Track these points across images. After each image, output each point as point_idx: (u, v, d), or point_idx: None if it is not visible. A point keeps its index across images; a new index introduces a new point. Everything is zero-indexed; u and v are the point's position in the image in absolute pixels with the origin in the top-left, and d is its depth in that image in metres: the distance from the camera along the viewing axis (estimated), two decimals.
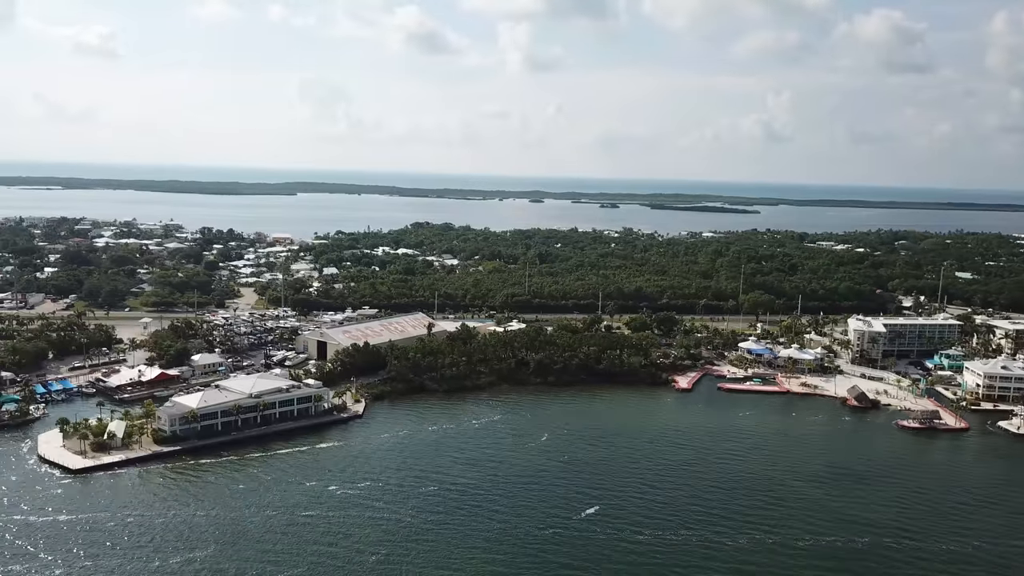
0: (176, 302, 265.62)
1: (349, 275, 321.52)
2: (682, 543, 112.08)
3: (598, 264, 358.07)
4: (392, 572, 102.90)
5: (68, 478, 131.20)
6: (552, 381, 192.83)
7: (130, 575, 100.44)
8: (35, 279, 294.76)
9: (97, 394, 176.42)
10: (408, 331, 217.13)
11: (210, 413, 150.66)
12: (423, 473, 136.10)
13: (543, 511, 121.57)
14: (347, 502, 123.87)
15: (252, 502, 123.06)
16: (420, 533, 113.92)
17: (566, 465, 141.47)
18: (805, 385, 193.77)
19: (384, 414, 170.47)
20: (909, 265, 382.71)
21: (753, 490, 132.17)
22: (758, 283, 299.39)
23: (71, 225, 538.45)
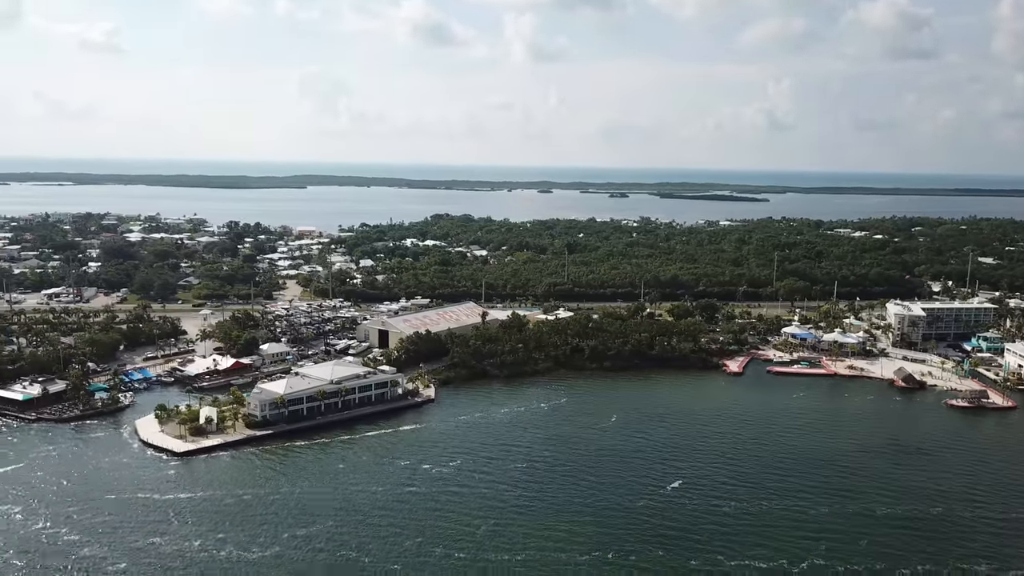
0: (227, 294, 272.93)
1: (389, 266, 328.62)
2: (766, 512, 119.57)
3: (627, 253, 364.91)
4: (504, 538, 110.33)
5: (175, 460, 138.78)
6: (607, 366, 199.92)
7: (262, 545, 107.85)
8: (85, 274, 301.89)
9: (175, 383, 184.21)
10: (463, 319, 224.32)
11: (296, 399, 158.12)
12: (508, 451, 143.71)
13: (630, 485, 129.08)
14: (443, 479, 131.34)
15: (355, 480, 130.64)
16: (520, 505, 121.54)
17: (641, 443, 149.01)
18: (851, 368, 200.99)
19: (454, 398, 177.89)
20: (931, 251, 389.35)
21: (822, 463, 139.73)
22: (790, 270, 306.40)
23: (97, 220, 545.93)
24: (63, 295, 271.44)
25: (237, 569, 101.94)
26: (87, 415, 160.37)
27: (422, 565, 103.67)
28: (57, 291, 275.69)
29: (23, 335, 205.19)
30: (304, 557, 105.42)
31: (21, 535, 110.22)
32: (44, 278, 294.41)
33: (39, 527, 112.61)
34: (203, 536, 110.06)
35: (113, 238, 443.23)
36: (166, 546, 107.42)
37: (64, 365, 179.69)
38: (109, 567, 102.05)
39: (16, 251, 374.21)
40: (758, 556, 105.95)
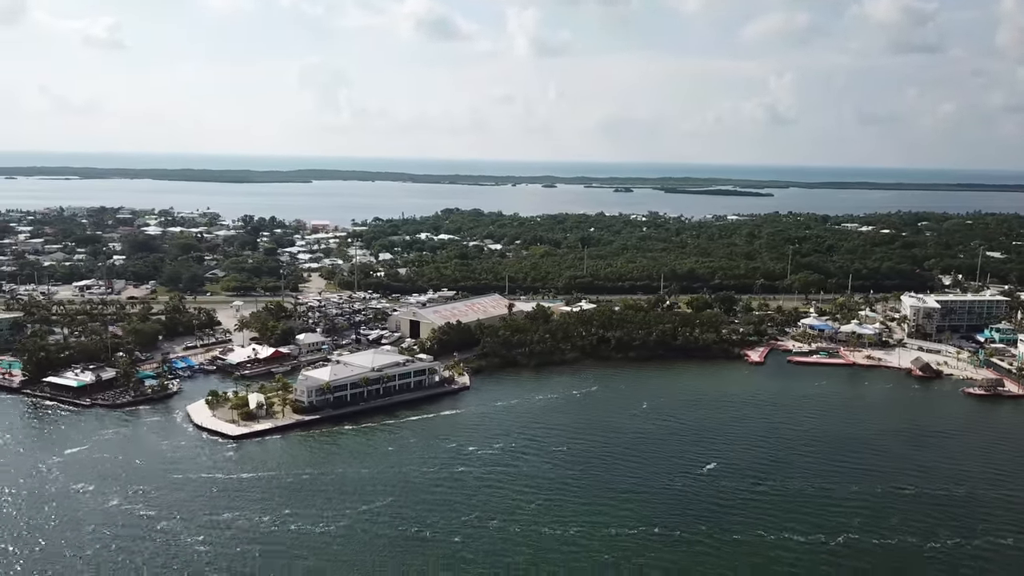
0: (254, 286, 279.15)
1: (410, 260, 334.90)
2: (800, 491, 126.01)
3: (640, 247, 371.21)
4: (554, 513, 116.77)
5: (231, 443, 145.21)
6: (632, 357, 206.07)
7: (328, 520, 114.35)
8: (112, 266, 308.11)
9: (217, 371, 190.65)
10: (490, 311, 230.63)
11: (341, 385, 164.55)
12: (547, 435, 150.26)
13: (668, 466, 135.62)
14: (489, 460, 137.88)
15: (406, 460, 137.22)
16: (564, 484, 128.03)
17: (674, 428, 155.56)
18: (869, 357, 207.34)
19: (488, 386, 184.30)
20: (940, 245, 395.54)
21: (848, 446, 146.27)
22: (803, 263, 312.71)
23: (112, 214, 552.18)
24: (94, 287, 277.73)
25: (309, 542, 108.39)
26: (138, 401, 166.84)
27: (481, 537, 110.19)
28: (88, 283, 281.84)
29: (66, 325, 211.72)
30: (370, 530, 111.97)
31: (100, 510, 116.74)
32: (74, 270, 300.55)
33: (115, 503, 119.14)
34: (271, 512, 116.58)
35: (131, 231, 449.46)
36: (237, 521, 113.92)
37: (110, 353, 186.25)
38: (187, 540, 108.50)
39: (40, 244, 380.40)
40: (796, 531, 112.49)
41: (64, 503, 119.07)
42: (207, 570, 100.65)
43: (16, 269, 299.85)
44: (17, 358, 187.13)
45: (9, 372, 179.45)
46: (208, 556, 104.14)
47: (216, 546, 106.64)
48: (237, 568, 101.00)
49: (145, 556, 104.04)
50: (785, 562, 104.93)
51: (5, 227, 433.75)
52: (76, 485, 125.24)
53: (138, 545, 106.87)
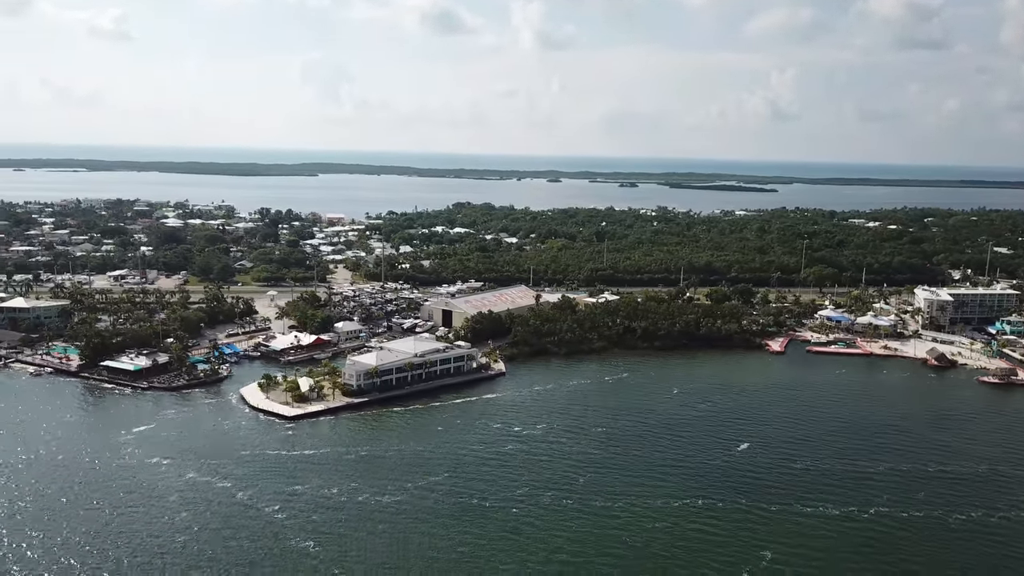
0: (283, 277, 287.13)
1: (432, 252, 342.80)
2: (830, 469, 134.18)
3: (655, 241, 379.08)
4: (601, 488, 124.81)
5: (288, 423, 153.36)
6: (658, 346, 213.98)
7: (392, 493, 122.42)
8: (143, 257, 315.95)
9: (261, 357, 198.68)
10: (518, 301, 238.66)
11: (387, 370, 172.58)
12: (585, 417, 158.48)
13: (703, 446, 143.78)
14: (534, 439, 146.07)
15: (456, 438, 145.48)
16: (608, 462, 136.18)
17: (705, 411, 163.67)
18: (886, 348, 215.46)
19: (522, 372, 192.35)
20: (948, 240, 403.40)
21: (871, 428, 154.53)
22: (816, 258, 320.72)
23: (129, 206, 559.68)
24: (128, 277, 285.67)
25: (379, 510, 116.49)
26: (192, 384, 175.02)
27: (538, 508, 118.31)
28: (122, 273, 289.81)
29: (111, 313, 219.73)
30: (433, 500, 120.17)
31: (181, 481, 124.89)
32: (106, 261, 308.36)
33: (192, 475, 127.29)
34: (338, 485, 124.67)
35: (152, 224, 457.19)
36: (308, 493, 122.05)
37: (160, 339, 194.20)
38: (265, 508, 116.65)
39: (66, 235, 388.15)
40: (829, 503, 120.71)
41: (146, 475, 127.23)
42: (293, 536, 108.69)
43: (51, 259, 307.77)
44: (69, 343, 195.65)
45: (66, 357, 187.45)
46: (288, 523, 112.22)
47: (294, 514, 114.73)
48: (326, 534, 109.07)
49: (233, 521, 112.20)
50: (822, 531, 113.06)
51: (29, 219, 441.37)
52: (152, 459, 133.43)
53: (223, 510, 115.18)
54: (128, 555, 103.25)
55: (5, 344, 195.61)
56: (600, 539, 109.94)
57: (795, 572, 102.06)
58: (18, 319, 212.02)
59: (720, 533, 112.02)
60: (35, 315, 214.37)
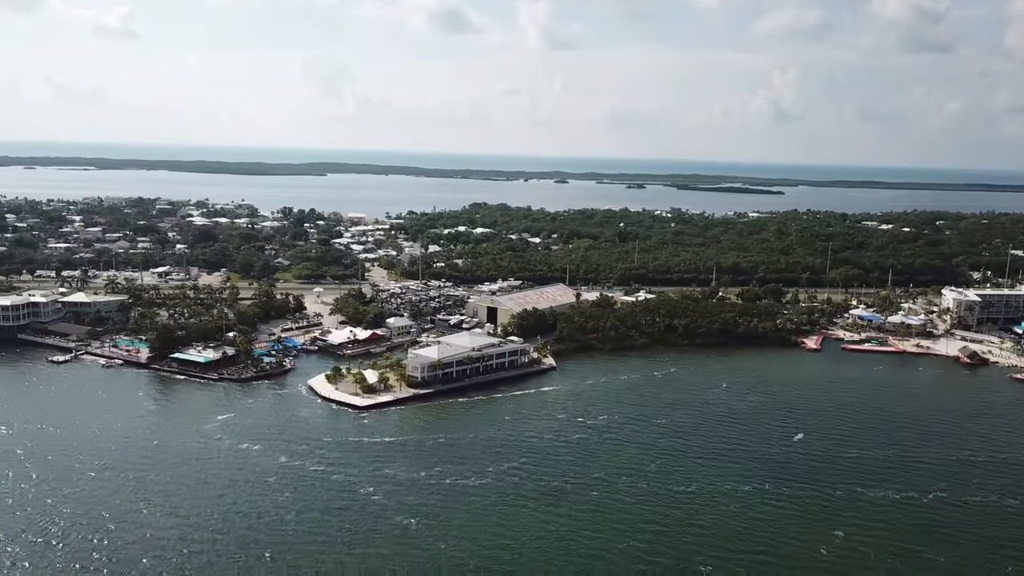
0: (324, 275, 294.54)
1: (464, 252, 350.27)
2: (885, 457, 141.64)
3: (679, 242, 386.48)
4: (672, 473, 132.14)
5: (362, 413, 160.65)
6: (698, 343, 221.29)
7: (477, 475, 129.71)
8: (183, 254, 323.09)
9: (318, 351, 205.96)
10: (558, 299, 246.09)
11: (448, 363, 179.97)
12: (643, 409, 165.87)
13: (761, 436, 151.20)
14: (599, 429, 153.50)
15: (525, 427, 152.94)
16: (674, 450, 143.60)
17: (756, 404, 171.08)
18: (919, 346, 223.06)
19: (571, 366, 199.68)
20: (964, 243, 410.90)
21: (915, 420, 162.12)
22: (841, 259, 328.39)
23: (152, 204, 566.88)
24: (173, 273, 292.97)
25: (468, 492, 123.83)
26: (259, 376, 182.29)
27: (615, 491, 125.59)
28: (166, 270, 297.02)
29: (169, 307, 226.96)
30: (516, 482, 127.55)
31: (275, 466, 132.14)
32: (148, 258, 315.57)
33: (284, 460, 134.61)
34: (426, 469, 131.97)
35: (179, 221, 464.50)
36: (398, 476, 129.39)
37: (222, 333, 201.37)
38: (361, 491, 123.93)
39: (99, 233, 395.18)
40: (891, 488, 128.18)
41: (241, 460, 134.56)
42: (393, 515, 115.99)
43: (94, 256, 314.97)
44: (133, 337, 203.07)
45: (135, 350, 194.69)
46: (385, 503, 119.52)
47: (388, 495, 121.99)
48: (424, 513, 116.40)
49: (334, 502, 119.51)
50: (886, 513, 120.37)
51: (60, 217, 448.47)
52: (242, 445, 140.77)
53: (322, 492, 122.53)
54: (245, 528, 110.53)
55: (74, 337, 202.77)
56: (679, 518, 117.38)
57: (868, 549, 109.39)
58: (80, 313, 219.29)
59: (792, 514, 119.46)
60: (95, 309, 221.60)
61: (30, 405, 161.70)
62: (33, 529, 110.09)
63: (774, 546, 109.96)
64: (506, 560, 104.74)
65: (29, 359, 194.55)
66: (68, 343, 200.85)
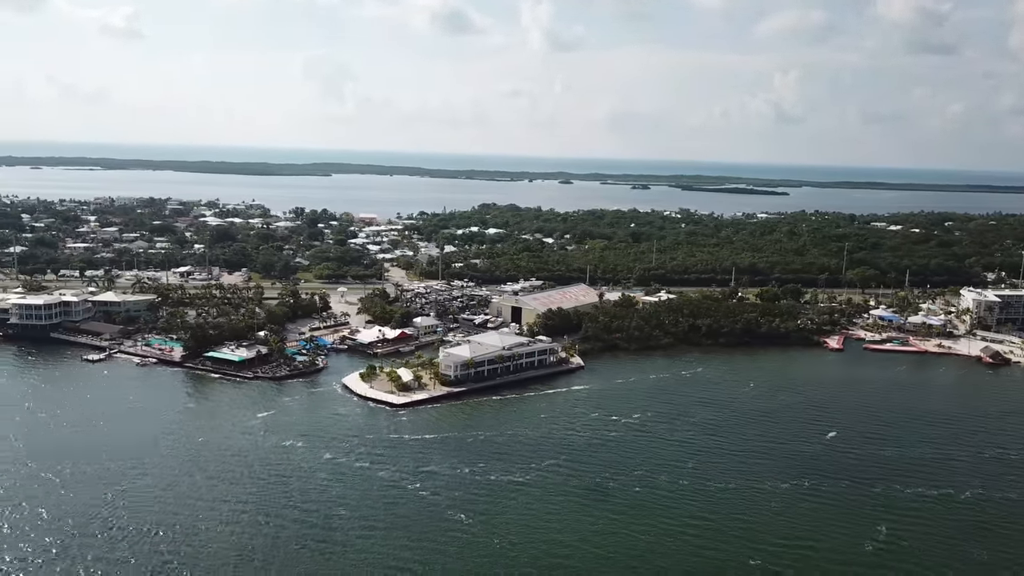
0: (345, 275, 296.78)
1: (481, 252, 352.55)
2: (920, 456, 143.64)
3: (692, 243, 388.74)
4: (710, 471, 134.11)
5: (399, 411, 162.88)
6: (722, 343, 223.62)
7: (520, 472, 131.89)
8: (204, 254, 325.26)
9: (348, 350, 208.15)
10: (581, 299, 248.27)
11: (480, 361, 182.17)
12: (675, 407, 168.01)
13: (795, 435, 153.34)
14: (633, 427, 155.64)
15: (562, 425, 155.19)
16: (710, 448, 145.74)
17: (785, 403, 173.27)
18: (940, 346, 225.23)
19: (600, 366, 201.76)
20: (976, 244, 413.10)
21: (944, 419, 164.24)
22: (856, 259, 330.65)
23: (163, 204, 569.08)
24: (195, 273, 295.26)
25: (513, 488, 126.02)
26: (293, 375, 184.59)
27: (657, 488, 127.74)
28: (188, 269, 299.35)
29: (197, 306, 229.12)
30: (559, 479, 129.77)
31: (321, 462, 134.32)
32: (168, 258, 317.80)
33: (329, 456, 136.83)
34: (469, 465, 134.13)
35: (192, 221, 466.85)
36: (442, 472, 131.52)
37: (253, 332, 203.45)
38: (408, 486, 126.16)
39: (115, 233, 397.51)
40: (928, 486, 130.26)
41: (287, 456, 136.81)
42: (444, 509, 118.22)
43: (114, 256, 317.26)
44: (163, 335, 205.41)
45: (168, 348, 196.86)
46: (434, 498, 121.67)
47: (436, 491, 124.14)
48: (473, 508, 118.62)
49: (384, 496, 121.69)
50: (926, 509, 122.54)
51: (75, 217, 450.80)
52: (285, 442, 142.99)
53: (371, 487, 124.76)
54: (302, 521, 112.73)
55: (106, 336, 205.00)
56: (724, 514, 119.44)
57: (911, 545, 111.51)
58: (111, 312, 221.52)
59: (832, 510, 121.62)
60: (125, 309, 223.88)
61: (75, 402, 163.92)
62: (98, 523, 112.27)
63: (820, 541, 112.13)
64: (561, 555, 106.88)
65: (64, 357, 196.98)
66: (101, 342, 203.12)
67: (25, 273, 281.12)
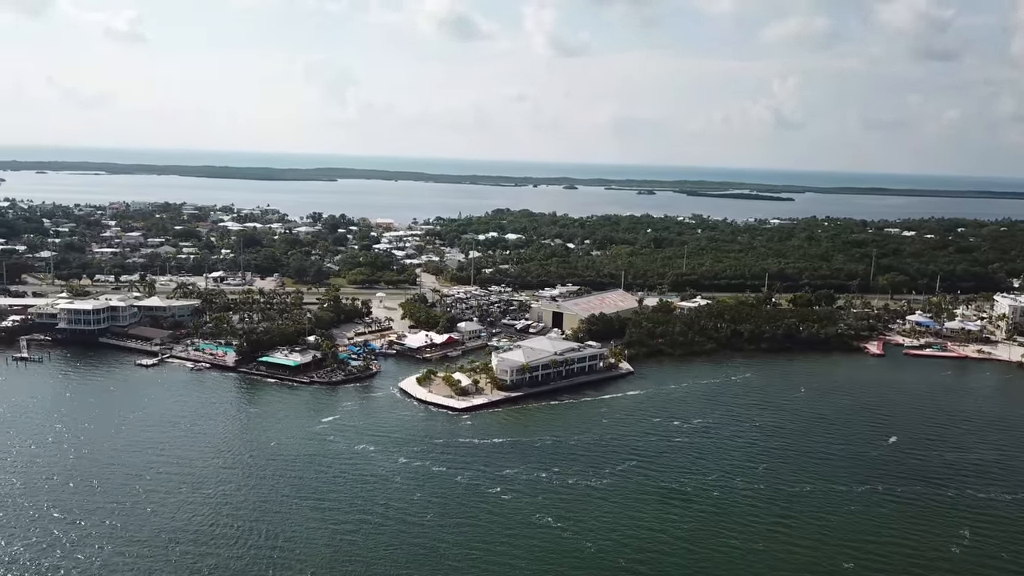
0: (378, 280, 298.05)
1: (508, 257, 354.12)
2: (983, 460, 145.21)
3: (717, 248, 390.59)
4: (783, 474, 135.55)
5: (462, 415, 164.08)
6: (764, 348, 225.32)
7: (597, 476, 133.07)
8: (236, 259, 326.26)
9: (396, 354, 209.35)
10: (620, 304, 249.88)
11: (535, 366, 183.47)
12: (732, 412, 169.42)
13: (856, 439, 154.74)
14: (697, 432, 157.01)
15: (625, 430, 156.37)
16: (778, 452, 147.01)
17: (841, 408, 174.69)
18: (980, 351, 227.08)
19: (648, 371, 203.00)
20: (996, 250, 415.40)
21: (998, 424, 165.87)
22: (884, 265, 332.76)
23: (178, 209, 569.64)
24: (228, 278, 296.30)
25: (594, 493, 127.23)
26: (349, 380, 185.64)
27: (735, 492, 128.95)
28: (221, 275, 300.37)
29: (240, 311, 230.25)
30: (636, 483, 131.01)
31: (397, 466, 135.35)
32: (201, 262, 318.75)
33: (404, 461, 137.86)
34: (545, 470, 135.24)
35: (213, 226, 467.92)
36: (520, 476, 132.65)
37: (303, 336, 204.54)
38: (488, 490, 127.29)
39: (140, 238, 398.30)
40: (999, 490, 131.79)
41: (362, 460, 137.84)
42: (531, 513, 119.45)
43: (146, 261, 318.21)
44: (211, 340, 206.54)
45: (221, 353, 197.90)
46: (517, 503, 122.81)
47: (517, 495, 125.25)
48: (558, 512, 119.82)
49: (467, 501, 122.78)
50: (1005, 513, 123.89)
51: (97, 222, 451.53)
52: (357, 446, 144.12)
53: (453, 492, 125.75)
54: (390, 525, 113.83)
55: (157, 341, 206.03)
56: (806, 518, 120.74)
57: (998, 548, 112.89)
58: (156, 317, 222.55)
59: (913, 513, 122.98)
60: (170, 313, 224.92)
61: (138, 407, 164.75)
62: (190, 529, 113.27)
63: (906, 544, 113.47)
64: (655, 559, 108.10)
65: (116, 362, 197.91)
66: (151, 347, 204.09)
67: (60, 279, 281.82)
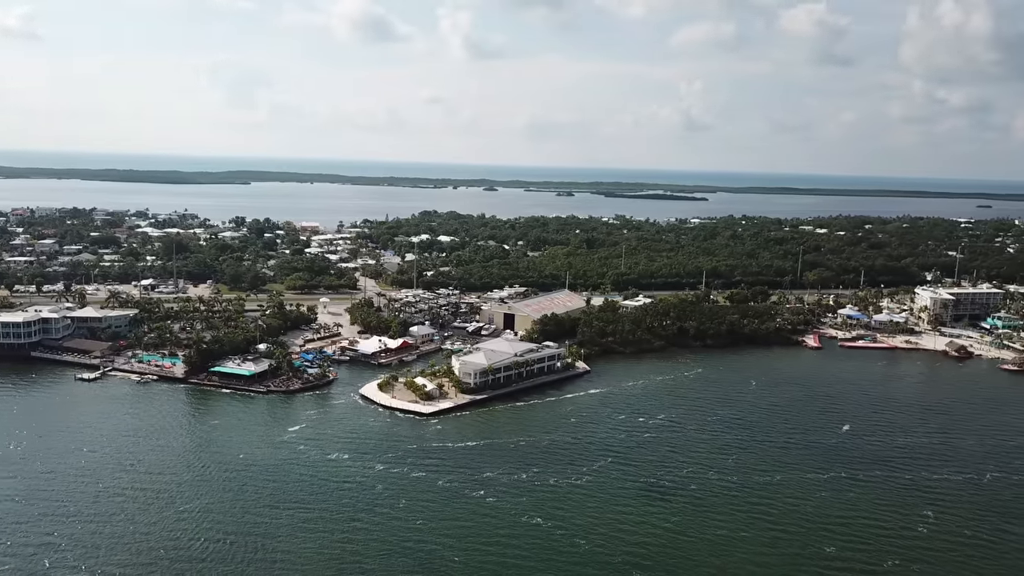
0: (317, 285, 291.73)
1: (447, 260, 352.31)
2: (929, 444, 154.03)
3: (649, 248, 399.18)
4: (752, 466, 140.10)
5: (431, 419, 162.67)
6: (710, 344, 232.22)
7: (576, 475, 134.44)
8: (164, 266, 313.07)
9: (350, 361, 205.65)
10: (568, 305, 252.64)
11: (497, 368, 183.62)
12: (693, 406, 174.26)
13: (812, 428, 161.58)
14: (662, 427, 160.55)
15: (594, 429, 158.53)
16: (742, 444, 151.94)
17: (794, 399, 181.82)
18: (908, 342, 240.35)
19: (602, 369, 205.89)
20: (905, 246, 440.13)
21: (940, 409, 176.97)
22: (808, 261, 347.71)
23: (88, 215, 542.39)
24: (160, 286, 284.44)
25: (575, 492, 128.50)
26: (306, 388, 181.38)
27: (711, 485, 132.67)
28: (151, 282, 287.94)
29: (180, 320, 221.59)
30: (614, 480, 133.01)
31: (374, 473, 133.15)
32: (127, 270, 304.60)
33: (381, 468, 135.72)
34: (524, 471, 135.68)
35: (131, 232, 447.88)
36: (501, 479, 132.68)
37: (253, 345, 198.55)
38: (471, 494, 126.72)
39: (54, 245, 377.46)
40: (951, 471, 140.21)
41: (337, 469, 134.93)
42: (521, 514, 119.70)
43: (68, 270, 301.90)
44: (155, 351, 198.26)
45: (168, 364, 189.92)
46: (504, 504, 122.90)
47: (502, 497, 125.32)
48: (545, 512, 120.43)
49: (454, 505, 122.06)
50: (959, 493, 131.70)
51: (3, 229, 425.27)
52: (330, 455, 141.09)
53: (437, 497, 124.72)
54: (378, 532, 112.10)
55: (96, 353, 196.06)
56: (782, 506, 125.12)
57: (960, 527, 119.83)
58: (93, 328, 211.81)
59: (877, 497, 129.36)
60: (107, 324, 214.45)
61: (93, 422, 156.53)
62: (178, 547, 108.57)
63: (878, 526, 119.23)
64: (648, 555, 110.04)
65: (53, 377, 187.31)
66: (91, 360, 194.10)
67: None
